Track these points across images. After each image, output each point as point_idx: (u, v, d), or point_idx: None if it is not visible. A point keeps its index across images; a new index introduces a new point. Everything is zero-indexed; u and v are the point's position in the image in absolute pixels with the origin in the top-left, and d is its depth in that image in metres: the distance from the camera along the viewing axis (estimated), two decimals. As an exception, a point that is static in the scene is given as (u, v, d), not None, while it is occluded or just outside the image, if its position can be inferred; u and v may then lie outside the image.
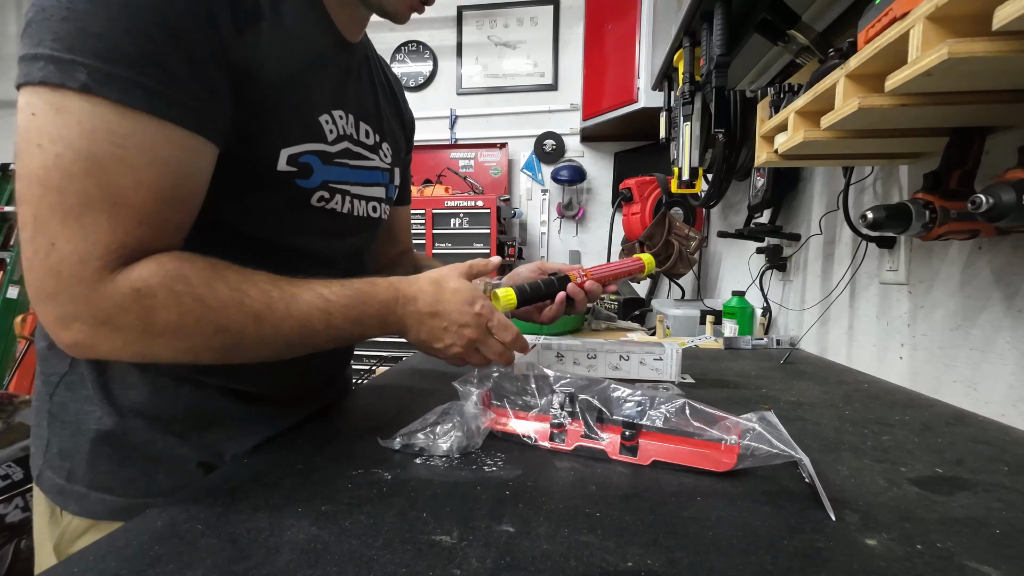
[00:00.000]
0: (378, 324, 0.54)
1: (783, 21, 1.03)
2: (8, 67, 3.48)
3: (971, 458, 0.54)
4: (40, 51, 0.38)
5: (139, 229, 0.42)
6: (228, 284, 0.45)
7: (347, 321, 0.51)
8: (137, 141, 0.40)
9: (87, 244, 0.40)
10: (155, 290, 0.42)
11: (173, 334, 0.43)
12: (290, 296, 0.48)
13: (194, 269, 0.44)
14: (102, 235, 0.40)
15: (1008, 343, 0.71)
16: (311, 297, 0.49)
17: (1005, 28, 0.42)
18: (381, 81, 0.72)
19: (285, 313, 0.47)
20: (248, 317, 0.46)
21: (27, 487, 1.26)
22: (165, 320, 0.42)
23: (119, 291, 0.41)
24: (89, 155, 0.39)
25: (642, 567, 0.34)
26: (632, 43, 2.26)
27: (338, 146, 0.59)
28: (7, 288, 2.98)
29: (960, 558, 0.35)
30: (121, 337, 0.42)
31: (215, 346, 0.45)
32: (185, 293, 0.43)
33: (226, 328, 0.45)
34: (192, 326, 0.43)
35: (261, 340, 0.47)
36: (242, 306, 0.45)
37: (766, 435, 0.46)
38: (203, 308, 0.43)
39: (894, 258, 0.97)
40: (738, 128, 1.19)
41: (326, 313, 0.50)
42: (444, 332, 0.56)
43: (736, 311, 1.46)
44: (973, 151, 0.68)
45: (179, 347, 0.44)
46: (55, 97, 0.38)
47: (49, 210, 0.39)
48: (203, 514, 0.40)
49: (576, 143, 3.03)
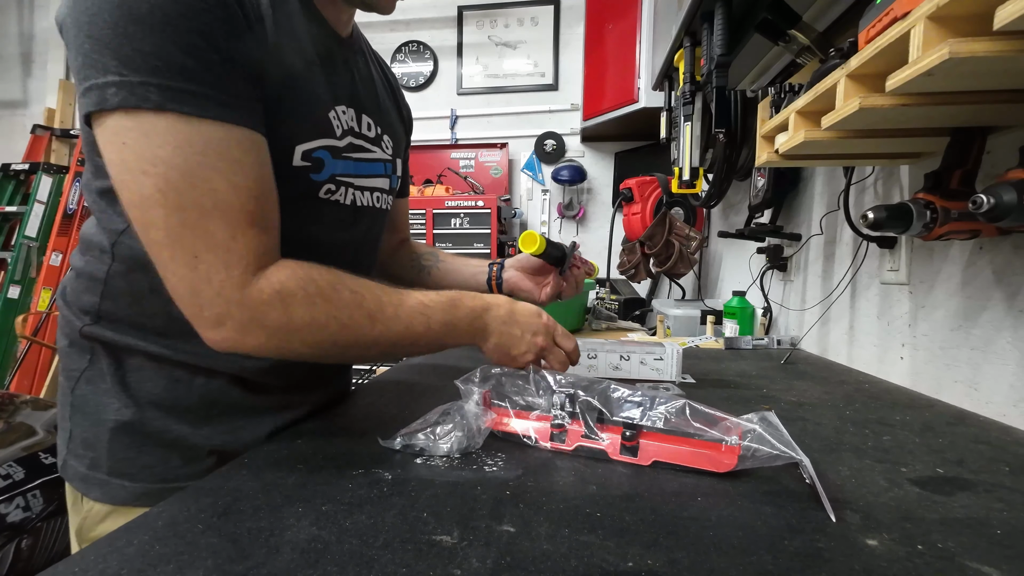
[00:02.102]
0: (466, 330, 0.60)
1: (784, 21, 1.03)
2: (8, 67, 3.49)
3: (972, 458, 0.54)
4: (109, 79, 0.40)
5: (252, 229, 0.46)
6: (348, 288, 0.51)
7: (442, 326, 0.57)
8: (215, 148, 0.44)
9: (223, 252, 0.45)
10: (294, 291, 0.48)
11: (308, 330, 0.49)
12: (398, 301, 0.54)
13: (320, 274, 0.50)
14: (230, 241, 0.45)
15: (1009, 343, 0.71)
16: (413, 303, 0.56)
17: (1006, 28, 0.41)
18: (379, 74, 0.73)
19: (394, 315, 0.54)
20: (365, 317, 0.52)
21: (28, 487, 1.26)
22: (301, 318, 0.48)
23: (264, 292, 0.47)
24: (185, 169, 0.42)
25: (642, 567, 0.34)
26: (632, 43, 2.26)
27: (344, 140, 0.61)
28: (8, 288, 2.98)
29: (961, 558, 0.35)
30: (265, 333, 0.48)
31: (339, 342, 0.51)
32: (316, 294, 0.49)
33: (348, 326, 0.51)
34: (323, 323, 0.49)
35: (375, 339, 0.53)
36: (360, 307, 0.51)
37: (767, 436, 0.46)
38: (331, 307, 0.50)
39: (895, 258, 0.97)
40: (739, 128, 1.19)
41: (426, 318, 0.56)
42: (519, 340, 0.62)
43: (737, 311, 1.46)
44: (974, 151, 0.68)
45: (311, 342, 0.50)
46: (136, 120, 0.41)
47: (180, 227, 0.43)
48: (204, 514, 0.40)
49: (576, 143, 3.03)
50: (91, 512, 0.57)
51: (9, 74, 3.48)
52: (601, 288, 2.05)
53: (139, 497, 0.56)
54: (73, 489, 0.59)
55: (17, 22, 3.48)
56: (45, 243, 3.03)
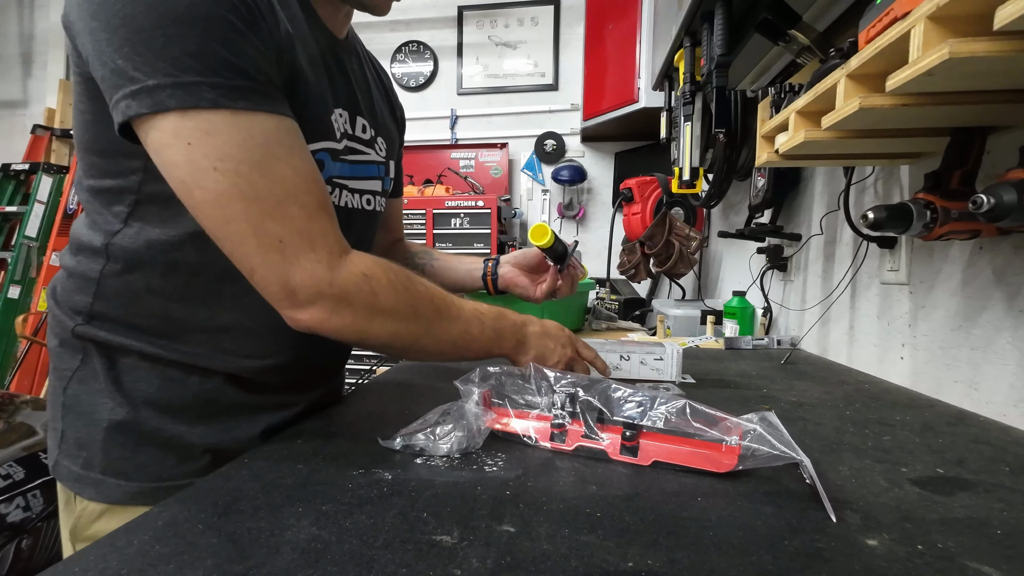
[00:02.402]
0: (510, 339, 0.64)
1: (784, 21, 1.03)
2: (8, 67, 3.49)
3: (972, 458, 0.54)
4: (160, 80, 0.40)
5: (322, 211, 0.49)
6: (421, 283, 0.56)
7: (493, 332, 0.62)
8: (272, 138, 0.45)
9: (307, 235, 0.47)
10: (379, 276, 0.51)
11: (389, 314, 0.52)
12: (460, 303, 0.59)
13: (395, 266, 0.54)
14: (311, 224, 0.47)
15: (1009, 343, 0.71)
16: (471, 307, 0.61)
17: (1006, 28, 0.41)
18: (372, 75, 0.74)
19: (457, 315, 0.58)
20: (436, 311, 0.56)
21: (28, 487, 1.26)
22: (384, 302, 0.51)
23: (353, 274, 0.49)
24: (254, 162, 0.44)
25: (643, 567, 0.34)
26: (633, 43, 2.26)
27: (342, 143, 0.62)
28: (8, 288, 2.98)
29: (961, 559, 0.35)
30: (353, 314, 0.50)
31: (412, 331, 0.54)
32: (398, 282, 0.53)
33: (421, 316, 0.54)
34: (402, 310, 0.53)
35: (440, 334, 0.57)
36: (432, 301, 0.56)
37: (767, 436, 0.46)
38: (410, 297, 0.53)
39: (895, 258, 0.97)
40: (739, 128, 1.19)
41: (480, 322, 0.60)
42: (553, 352, 0.68)
43: (737, 311, 1.46)
44: (974, 151, 0.68)
45: (391, 329, 0.53)
46: (196, 120, 0.42)
47: (261, 215, 0.45)
48: (204, 514, 0.40)
49: (577, 143, 3.03)
50: (85, 511, 0.57)
51: (9, 74, 3.48)
52: (601, 288, 2.05)
53: (134, 496, 0.56)
54: (65, 489, 0.58)
55: (17, 22, 3.48)
56: (45, 243, 3.03)
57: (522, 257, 0.87)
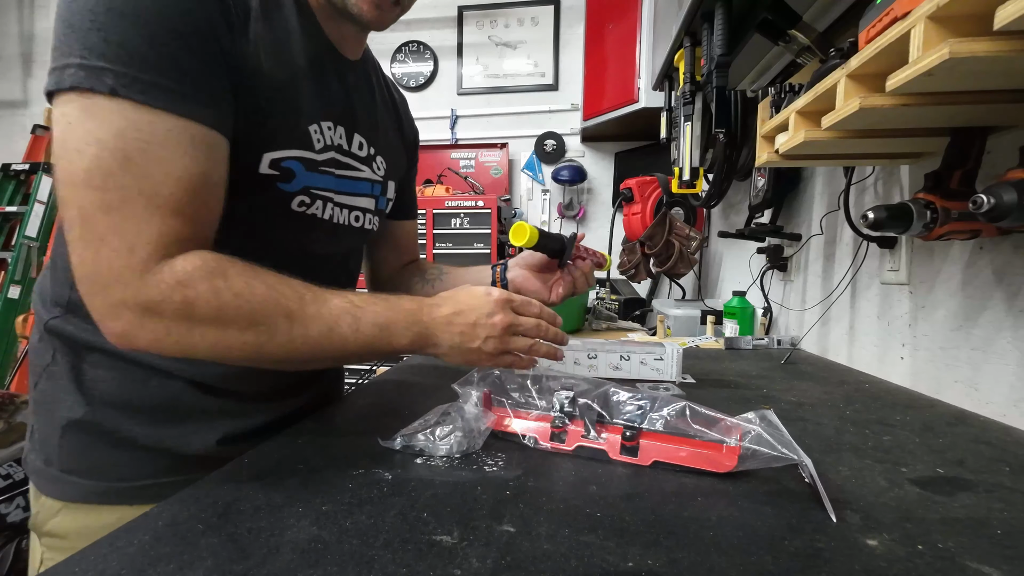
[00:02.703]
0: (405, 332, 0.53)
1: (784, 21, 1.03)
2: (8, 67, 3.49)
3: (972, 458, 0.54)
4: (71, 60, 0.41)
5: (175, 219, 0.44)
6: (265, 282, 0.47)
7: (374, 327, 0.51)
8: (160, 137, 0.43)
9: (132, 236, 0.42)
10: (196, 281, 0.44)
11: (211, 324, 0.45)
12: (322, 299, 0.50)
13: (234, 266, 0.46)
14: (144, 226, 0.43)
15: (1009, 343, 0.71)
16: (341, 302, 0.51)
17: (1006, 28, 0.41)
18: (384, 98, 0.74)
19: (316, 314, 0.49)
20: (281, 314, 0.47)
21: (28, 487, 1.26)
22: (204, 311, 0.44)
23: (164, 281, 0.43)
24: (122, 153, 0.42)
25: (643, 567, 0.34)
26: (633, 43, 2.26)
27: (325, 155, 0.60)
28: (8, 288, 2.98)
29: (961, 559, 0.35)
30: (164, 326, 0.44)
31: (248, 341, 0.46)
32: (224, 288, 0.45)
33: (259, 323, 0.46)
34: (229, 318, 0.45)
35: (291, 340, 0.48)
36: (277, 303, 0.47)
37: (767, 436, 0.46)
38: (240, 302, 0.45)
39: (895, 258, 0.97)
40: (739, 128, 1.18)
41: (354, 318, 0.50)
42: (475, 328, 0.55)
43: (737, 311, 1.46)
44: (974, 151, 0.68)
45: (215, 340, 0.45)
46: (86, 102, 0.41)
47: (94, 207, 0.42)
48: (204, 514, 0.40)
49: (577, 143, 3.03)
50: (44, 506, 0.57)
51: (9, 74, 3.48)
52: (601, 288, 2.05)
53: (89, 495, 0.56)
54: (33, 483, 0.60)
55: (17, 22, 3.48)
56: (45, 243, 3.02)
57: (530, 257, 0.80)
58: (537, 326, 0.59)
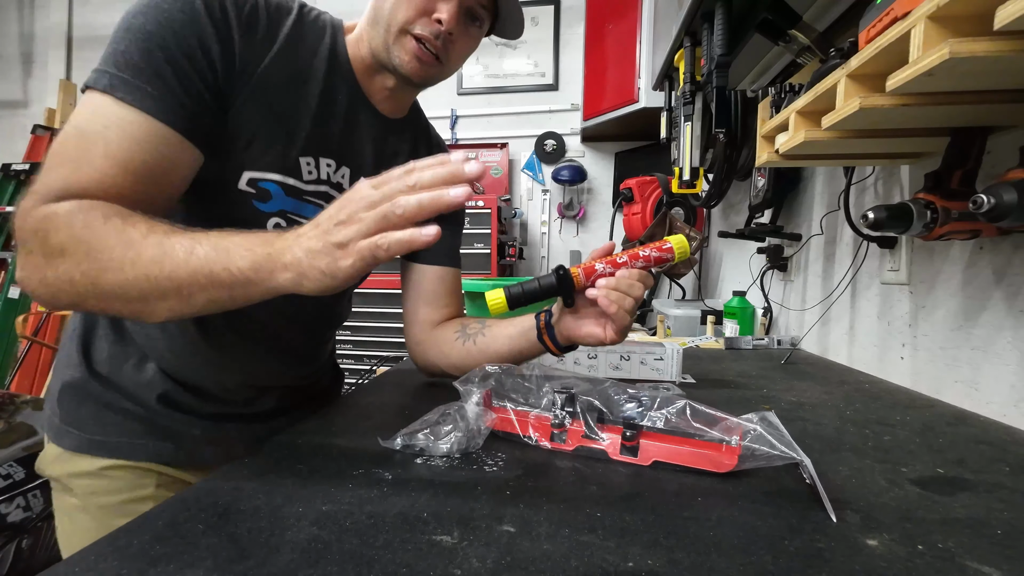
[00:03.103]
0: (245, 253, 0.44)
1: (784, 21, 1.03)
2: (8, 67, 3.49)
3: (972, 458, 0.54)
4: (98, 66, 0.51)
5: (92, 184, 0.48)
6: (125, 219, 0.46)
7: (211, 249, 0.44)
8: (120, 125, 0.49)
9: (39, 185, 0.47)
10: (58, 215, 0.46)
11: (59, 255, 0.45)
12: (177, 231, 0.46)
13: (106, 207, 0.47)
14: (56, 180, 0.47)
15: (1010, 343, 0.71)
16: (193, 232, 0.46)
17: (1006, 28, 0.41)
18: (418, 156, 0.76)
19: (156, 243, 0.44)
20: (122, 243, 0.44)
21: (28, 487, 1.26)
22: (56, 242, 0.45)
23: (34, 216, 0.46)
24: (82, 132, 0.49)
25: (643, 567, 0.34)
26: (633, 43, 2.26)
27: (315, 187, 0.64)
28: (8, 288, 2.98)
29: (961, 558, 0.35)
30: (31, 262, 0.46)
31: (84, 270, 0.44)
32: (79, 219, 0.45)
33: (97, 250, 0.44)
34: (72, 247, 0.45)
35: (120, 266, 0.44)
36: (123, 233, 0.45)
37: (767, 436, 0.46)
38: (86, 231, 0.45)
39: (895, 258, 0.97)
40: (739, 128, 1.19)
41: (193, 240, 0.45)
42: (324, 223, 0.44)
43: (737, 311, 1.46)
44: (974, 151, 0.68)
45: (61, 270, 0.45)
46: (87, 96, 0.50)
47: (43, 168, 0.48)
48: (204, 514, 0.40)
49: (577, 143, 3.03)
50: (49, 451, 0.66)
51: (9, 74, 3.48)
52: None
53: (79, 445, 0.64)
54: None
55: (17, 22, 3.48)
56: (45, 243, 3.02)
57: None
58: (400, 179, 0.43)
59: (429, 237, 0.42)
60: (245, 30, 0.55)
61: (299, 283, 0.44)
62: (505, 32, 0.70)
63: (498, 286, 0.64)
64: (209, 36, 0.53)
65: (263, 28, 0.57)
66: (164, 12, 0.51)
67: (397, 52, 0.61)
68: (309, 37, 0.62)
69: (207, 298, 0.45)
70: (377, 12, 0.62)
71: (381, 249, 0.42)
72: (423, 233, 0.42)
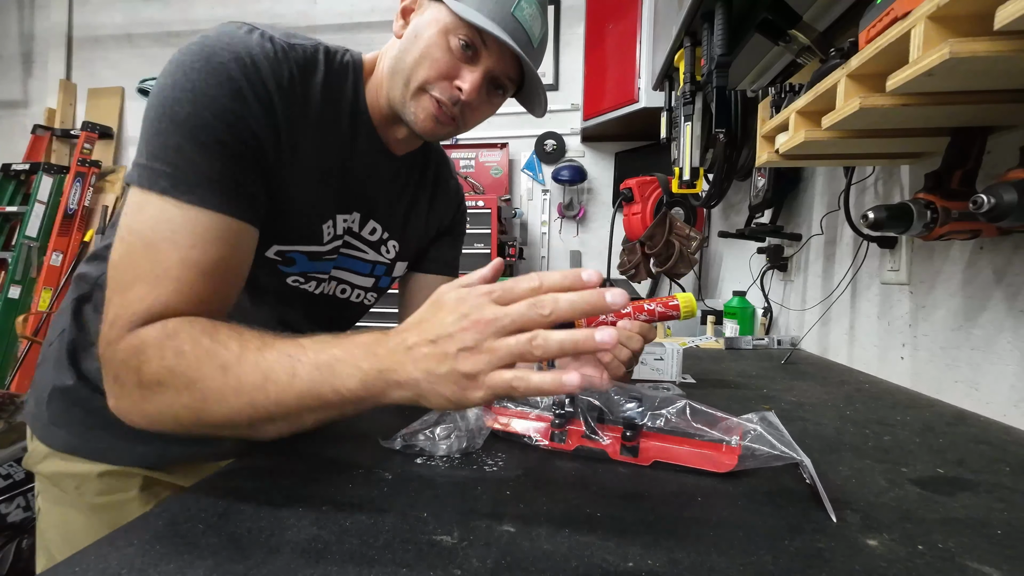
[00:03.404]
0: (352, 371, 0.40)
1: (784, 21, 1.03)
2: (8, 67, 3.49)
3: (972, 458, 0.54)
4: (140, 160, 0.47)
5: (172, 296, 0.46)
6: (214, 338, 0.43)
7: (314, 369, 0.40)
8: (189, 227, 0.46)
9: (120, 309, 0.45)
10: (148, 344, 0.43)
11: (156, 387, 0.43)
12: (268, 345, 0.42)
13: (190, 326, 0.44)
14: (136, 303, 0.45)
15: (1010, 343, 0.71)
16: (286, 345, 0.42)
17: (1006, 28, 0.41)
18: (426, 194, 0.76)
19: (253, 363, 0.41)
20: (217, 368, 0.42)
21: (28, 487, 1.26)
22: (150, 373, 0.43)
23: (123, 348, 0.44)
24: (149, 241, 0.46)
25: (643, 567, 0.34)
26: (633, 43, 2.26)
27: (331, 245, 0.64)
28: (8, 288, 2.98)
29: (961, 558, 0.35)
30: (126, 393, 0.45)
31: (187, 403, 0.42)
32: (170, 347, 0.43)
33: (195, 380, 0.42)
34: (168, 378, 0.42)
35: (223, 395, 0.41)
36: (216, 357, 0.42)
37: (767, 436, 0.46)
38: (179, 360, 0.42)
39: (895, 258, 0.97)
40: (739, 128, 1.18)
41: (293, 359, 0.41)
42: (444, 342, 0.38)
43: (737, 311, 1.46)
44: (974, 151, 0.68)
45: (164, 405, 0.43)
46: (142, 198, 0.47)
47: (114, 288, 0.46)
48: (204, 514, 0.40)
49: (577, 143, 3.03)
50: (36, 448, 0.66)
51: (9, 74, 3.48)
52: (601, 288, 2.05)
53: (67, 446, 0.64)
54: None
55: (17, 22, 3.48)
56: (46, 243, 3.02)
57: None
58: (533, 306, 0.37)
59: (573, 387, 0.36)
60: (285, 103, 0.52)
61: (416, 400, 0.40)
62: (530, 107, 0.66)
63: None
64: (257, 117, 0.50)
65: (299, 96, 0.54)
66: (210, 98, 0.47)
67: (414, 109, 0.59)
68: (336, 92, 0.59)
69: (316, 417, 0.43)
70: (398, 63, 0.58)
71: (517, 391, 0.37)
72: (566, 383, 0.36)
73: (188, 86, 0.47)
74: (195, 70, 0.47)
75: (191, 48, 0.49)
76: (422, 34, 0.57)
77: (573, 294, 0.37)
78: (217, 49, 0.48)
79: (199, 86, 0.47)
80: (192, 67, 0.47)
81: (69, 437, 0.64)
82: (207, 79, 0.47)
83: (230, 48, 0.49)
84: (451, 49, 0.56)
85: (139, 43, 3.33)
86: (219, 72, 0.48)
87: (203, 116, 0.47)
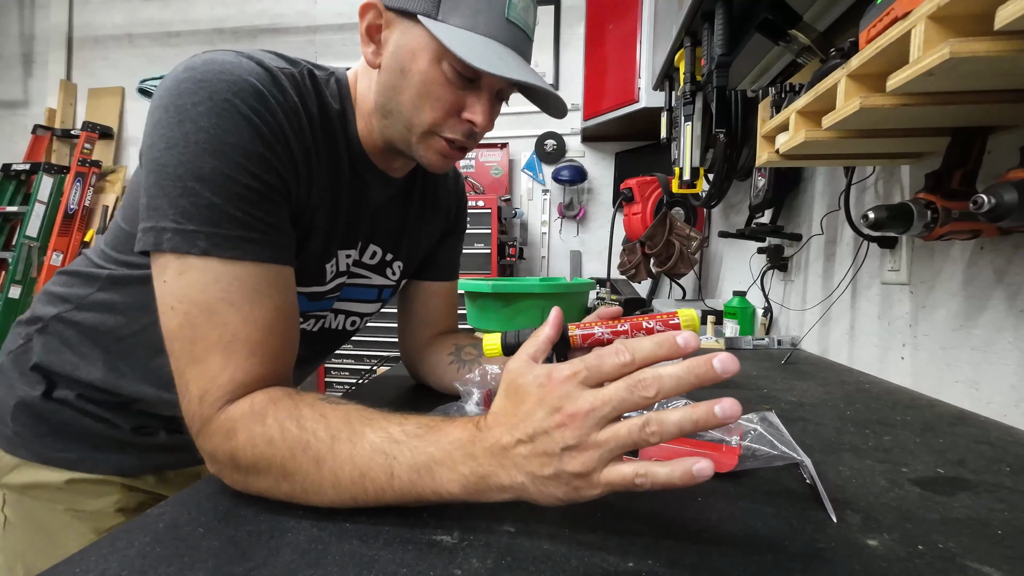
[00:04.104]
0: (451, 476, 0.38)
1: (784, 21, 1.03)
2: (8, 67, 3.49)
3: (973, 459, 0.54)
4: (166, 224, 0.44)
5: (249, 360, 0.45)
6: (300, 424, 0.42)
7: (412, 471, 0.39)
8: (240, 285, 0.45)
9: (206, 382, 0.44)
10: (239, 431, 0.43)
11: (254, 472, 0.43)
12: (358, 435, 0.41)
13: (275, 408, 0.44)
14: (219, 374, 0.44)
15: (1010, 343, 0.71)
16: (377, 436, 0.41)
17: (1007, 28, 0.41)
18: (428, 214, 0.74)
19: (347, 456, 0.40)
20: (311, 462, 0.41)
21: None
22: (245, 460, 0.43)
23: (216, 432, 0.44)
24: (205, 306, 0.44)
25: (643, 567, 0.34)
26: (633, 43, 2.26)
27: (332, 283, 0.63)
28: (8, 288, 2.98)
29: (962, 559, 0.35)
30: (225, 472, 0.45)
31: (286, 491, 0.42)
32: (259, 435, 0.42)
33: (291, 473, 0.41)
34: (264, 468, 0.42)
35: (321, 490, 0.41)
36: (307, 448, 0.41)
37: (768, 436, 0.46)
38: (272, 450, 0.42)
39: (896, 258, 0.97)
40: (739, 128, 1.18)
41: (388, 457, 0.39)
42: (542, 440, 0.35)
43: (737, 311, 1.46)
44: (975, 151, 0.68)
45: (265, 487, 0.43)
46: (181, 263, 0.45)
47: (186, 359, 0.45)
48: (204, 516, 0.40)
49: (577, 143, 3.03)
50: (2, 459, 0.64)
51: (10, 74, 3.48)
52: (601, 288, 2.06)
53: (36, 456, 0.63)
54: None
55: (18, 22, 3.48)
56: (46, 243, 3.03)
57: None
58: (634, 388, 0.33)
59: (705, 477, 0.33)
60: (298, 143, 0.51)
61: (523, 500, 0.38)
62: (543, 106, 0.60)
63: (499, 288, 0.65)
64: (282, 159, 0.49)
65: (307, 133, 0.52)
66: (237, 148, 0.45)
67: (423, 151, 0.56)
68: (331, 123, 0.57)
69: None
70: (389, 102, 0.54)
71: (642, 488, 0.33)
72: (697, 475, 0.33)
73: (202, 137, 0.44)
74: (202, 115, 0.44)
75: (183, 88, 0.45)
76: (409, 68, 0.52)
77: (678, 368, 0.33)
78: (215, 84, 0.45)
79: (214, 133, 0.44)
80: (197, 111, 0.44)
81: (41, 450, 0.63)
82: (220, 124, 0.45)
83: (227, 80, 0.46)
84: (449, 80, 0.52)
85: (139, 43, 3.33)
86: (230, 113, 0.45)
87: (229, 168, 0.45)
